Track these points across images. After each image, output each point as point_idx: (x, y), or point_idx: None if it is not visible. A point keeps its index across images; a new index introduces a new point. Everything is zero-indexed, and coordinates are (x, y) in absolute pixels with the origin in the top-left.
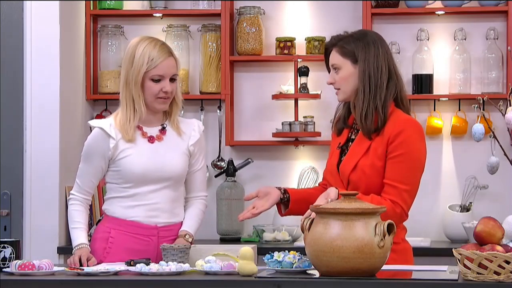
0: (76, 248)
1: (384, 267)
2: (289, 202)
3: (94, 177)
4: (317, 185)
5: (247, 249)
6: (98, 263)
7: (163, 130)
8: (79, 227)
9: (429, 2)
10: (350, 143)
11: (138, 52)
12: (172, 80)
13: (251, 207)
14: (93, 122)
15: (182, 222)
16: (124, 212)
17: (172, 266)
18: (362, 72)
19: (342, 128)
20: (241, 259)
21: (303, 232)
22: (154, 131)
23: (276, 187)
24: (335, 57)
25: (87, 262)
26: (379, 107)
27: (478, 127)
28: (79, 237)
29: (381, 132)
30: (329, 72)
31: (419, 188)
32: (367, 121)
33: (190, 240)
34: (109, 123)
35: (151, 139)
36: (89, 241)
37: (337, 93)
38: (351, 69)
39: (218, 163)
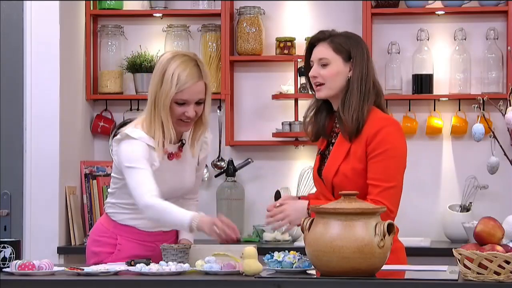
0: (195, 221)
1: (384, 267)
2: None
3: (151, 174)
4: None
5: (251, 248)
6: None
7: (181, 146)
8: (172, 208)
9: (429, 2)
10: (331, 147)
11: (169, 72)
12: (198, 103)
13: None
14: (135, 134)
15: None
16: (131, 222)
17: (172, 266)
18: (356, 74)
19: (320, 136)
20: (246, 258)
21: (303, 232)
22: (173, 147)
23: (299, 198)
24: (325, 51)
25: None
26: (365, 111)
27: (478, 127)
28: (183, 214)
29: (360, 133)
30: (306, 66)
31: (419, 188)
32: (354, 123)
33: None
34: (152, 140)
35: (170, 156)
36: (86, 238)
37: (319, 89)
38: (341, 66)
39: (218, 163)
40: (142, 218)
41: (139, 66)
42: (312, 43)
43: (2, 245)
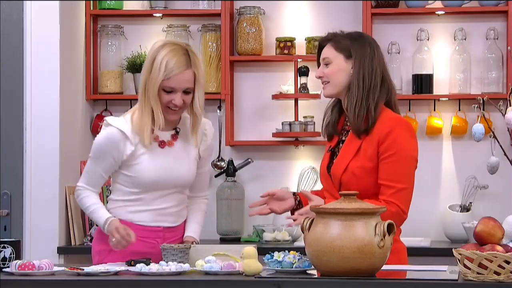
0: (106, 224)
1: (384, 267)
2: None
3: (105, 173)
4: (317, 186)
5: (251, 248)
6: (100, 263)
7: (175, 135)
8: (96, 207)
9: (429, 2)
10: (341, 144)
11: (158, 60)
12: (186, 92)
13: (263, 204)
14: (112, 121)
15: (184, 222)
16: (130, 216)
17: (172, 266)
18: (357, 70)
19: (332, 134)
20: (246, 258)
21: (303, 232)
22: (166, 135)
23: (293, 194)
24: (327, 51)
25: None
26: (371, 107)
27: (478, 127)
28: (103, 214)
29: (370, 132)
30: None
31: (419, 188)
32: (359, 119)
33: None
34: (129, 126)
35: (162, 144)
36: (91, 240)
37: (324, 87)
38: (343, 64)
39: (218, 163)
40: (140, 211)
41: (139, 66)
42: (320, 45)
43: (2, 245)
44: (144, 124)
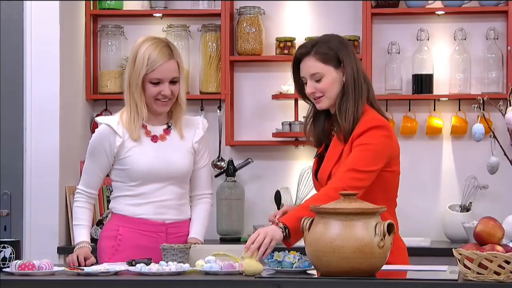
0: (77, 246)
1: (384, 267)
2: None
3: (101, 172)
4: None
5: None
6: (106, 261)
7: (167, 129)
8: (81, 224)
9: (429, 2)
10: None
11: (140, 54)
12: (173, 82)
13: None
14: (100, 119)
15: (189, 219)
16: (132, 209)
17: (172, 266)
18: (349, 74)
19: (322, 142)
20: (246, 258)
21: (303, 232)
22: (158, 130)
23: (278, 226)
24: (315, 66)
25: (85, 261)
26: (360, 110)
27: (478, 127)
28: (81, 235)
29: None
30: (296, 82)
31: (419, 188)
32: (354, 123)
33: None
34: (116, 121)
35: (154, 139)
36: (91, 241)
37: (318, 101)
38: (335, 75)
39: (218, 163)
40: (141, 204)
41: None
42: (297, 59)
43: (2, 245)
44: (131, 119)
